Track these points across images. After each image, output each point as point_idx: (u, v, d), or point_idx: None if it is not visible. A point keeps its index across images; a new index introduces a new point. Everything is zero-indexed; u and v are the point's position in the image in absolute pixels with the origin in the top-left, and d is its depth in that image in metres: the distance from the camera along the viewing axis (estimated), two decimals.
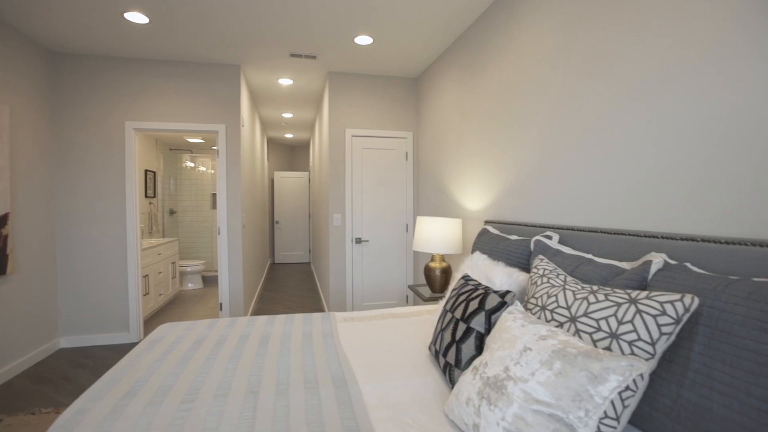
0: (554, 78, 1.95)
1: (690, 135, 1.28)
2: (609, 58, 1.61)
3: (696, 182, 1.25)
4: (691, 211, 1.27)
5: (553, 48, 1.95)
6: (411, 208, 4.11)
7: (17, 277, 3.01)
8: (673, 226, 1.33)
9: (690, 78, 1.28)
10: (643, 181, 1.44)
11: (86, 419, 1.15)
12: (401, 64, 3.74)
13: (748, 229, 1.10)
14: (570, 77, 1.84)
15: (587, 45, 1.73)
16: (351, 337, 1.90)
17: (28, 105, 3.16)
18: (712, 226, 1.20)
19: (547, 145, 2.01)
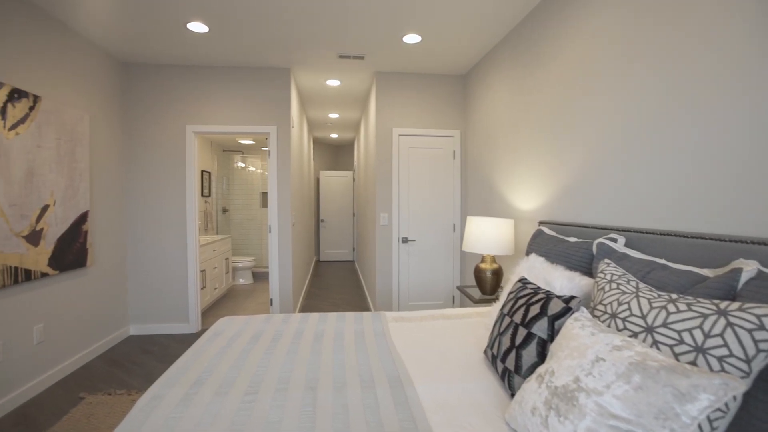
0: (618, 71, 1.82)
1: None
2: (685, 48, 1.48)
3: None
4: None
5: (618, 40, 1.83)
6: (458, 207, 4.04)
7: (95, 270, 3.30)
8: (766, 231, 1.19)
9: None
10: (728, 179, 1.31)
11: (161, 404, 1.24)
12: (449, 61, 3.69)
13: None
14: (637, 70, 1.71)
15: (656, 37, 1.60)
16: (403, 337, 1.89)
17: (104, 113, 3.45)
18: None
19: (609, 141, 1.89)
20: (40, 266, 2.65)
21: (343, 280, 6.47)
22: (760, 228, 1.21)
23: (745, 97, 1.26)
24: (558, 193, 2.35)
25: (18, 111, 2.48)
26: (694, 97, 1.44)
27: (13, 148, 2.44)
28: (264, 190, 7.24)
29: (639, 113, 1.71)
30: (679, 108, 1.50)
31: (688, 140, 1.47)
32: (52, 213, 2.78)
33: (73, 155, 2.99)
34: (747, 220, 1.25)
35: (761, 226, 1.21)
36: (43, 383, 2.71)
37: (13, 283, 2.43)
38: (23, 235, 2.52)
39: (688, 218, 1.46)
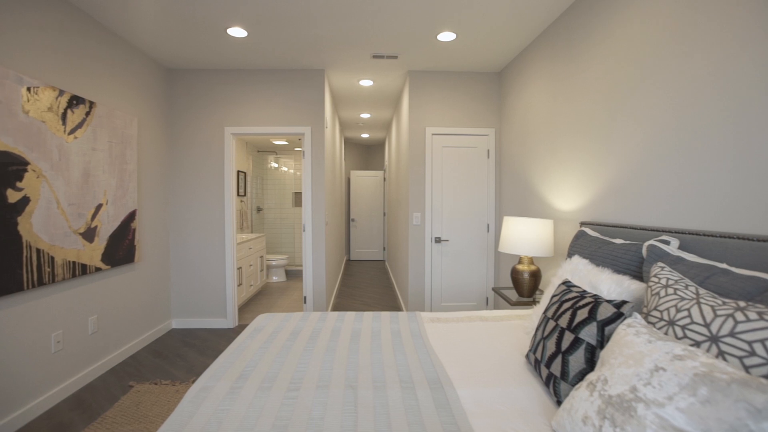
0: (673, 63, 1.72)
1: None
2: (749, 34, 1.37)
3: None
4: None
5: (672, 29, 1.73)
6: (493, 207, 3.96)
7: (141, 266, 3.48)
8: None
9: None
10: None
11: (210, 396, 1.28)
12: (484, 58, 3.62)
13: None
14: (697, 60, 1.61)
15: (717, 25, 1.49)
16: (440, 338, 1.87)
17: (150, 116, 3.63)
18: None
19: (662, 137, 1.79)
20: (94, 261, 2.82)
21: (374, 279, 6.50)
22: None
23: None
24: (601, 193, 2.25)
25: (76, 116, 2.65)
26: (762, 87, 1.34)
27: (71, 151, 2.61)
28: (296, 189, 7.39)
29: (696, 107, 1.60)
30: (742, 101, 1.40)
31: (750, 135, 1.37)
32: (105, 211, 2.95)
33: (123, 157, 3.16)
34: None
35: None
36: (97, 371, 2.88)
37: (71, 276, 2.60)
38: (80, 232, 2.69)
39: (751, 220, 1.36)
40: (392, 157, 6.27)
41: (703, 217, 1.56)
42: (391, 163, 6.45)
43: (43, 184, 2.38)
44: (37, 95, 2.34)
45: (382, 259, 8.44)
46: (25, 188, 2.25)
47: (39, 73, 2.39)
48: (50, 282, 2.43)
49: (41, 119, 2.37)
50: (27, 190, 2.27)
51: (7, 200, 2.14)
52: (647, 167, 1.88)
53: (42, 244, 2.37)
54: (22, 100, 2.24)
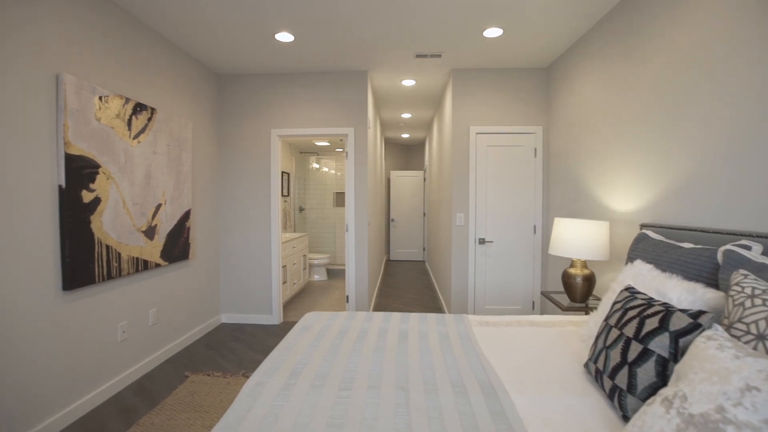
0: (753, 49, 1.56)
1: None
2: None
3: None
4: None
5: (751, 9, 1.57)
6: (539, 208, 3.81)
7: (195, 262, 3.67)
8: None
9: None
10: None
11: (265, 391, 1.32)
12: (531, 53, 3.49)
13: None
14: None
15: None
16: (489, 342, 1.82)
17: (203, 120, 3.82)
18: None
19: (739, 133, 1.63)
20: (154, 257, 3.01)
21: (414, 279, 6.47)
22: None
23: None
24: (665, 193, 2.09)
25: (140, 122, 2.84)
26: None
27: (135, 155, 2.80)
28: (337, 189, 7.51)
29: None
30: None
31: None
32: (164, 211, 3.14)
33: (180, 159, 3.35)
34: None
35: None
36: (156, 360, 3.07)
37: (135, 271, 2.79)
38: (142, 230, 2.88)
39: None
40: (433, 157, 6.21)
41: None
42: (432, 162, 6.39)
43: (111, 186, 2.57)
44: (107, 104, 2.53)
45: (421, 259, 8.39)
46: (96, 189, 2.44)
47: (108, 83, 2.59)
48: (117, 276, 2.62)
49: (110, 125, 2.56)
50: (98, 191, 2.46)
51: (82, 200, 2.33)
52: (720, 165, 1.72)
53: (110, 240, 2.56)
54: (95, 108, 2.43)
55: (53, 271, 2.18)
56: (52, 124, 2.17)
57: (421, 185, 8.28)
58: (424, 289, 5.80)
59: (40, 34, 2.09)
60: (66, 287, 2.23)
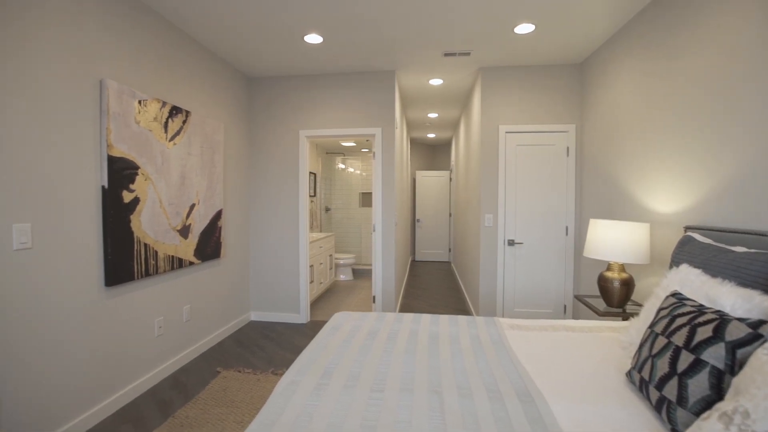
0: None
1: None
2: None
3: None
4: None
5: None
6: (572, 208, 3.69)
7: (226, 261, 3.77)
8: None
9: None
10: None
11: (298, 390, 1.33)
12: (564, 49, 3.38)
13: None
14: None
15: None
16: (523, 346, 1.77)
17: (235, 122, 3.92)
18: None
19: None
20: (188, 256, 3.11)
21: (440, 280, 6.41)
22: None
23: None
24: (713, 194, 1.97)
25: (175, 125, 2.94)
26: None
27: (171, 156, 2.90)
28: (362, 190, 7.54)
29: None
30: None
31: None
32: (197, 210, 3.23)
33: (212, 160, 3.44)
34: None
35: None
36: (190, 355, 3.17)
37: (170, 269, 2.89)
38: (177, 229, 2.98)
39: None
40: (460, 157, 6.14)
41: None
42: (459, 162, 6.31)
43: (149, 186, 2.66)
44: (146, 107, 2.63)
45: (447, 260, 8.30)
46: (136, 190, 2.54)
47: (147, 87, 2.69)
48: (154, 273, 2.71)
49: (148, 128, 2.66)
50: (138, 191, 2.56)
51: (122, 200, 2.43)
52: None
53: (148, 239, 2.65)
54: (135, 112, 2.53)
55: (97, 267, 2.28)
56: (96, 127, 2.27)
57: (447, 185, 8.20)
58: (450, 290, 5.73)
59: (86, 43, 2.20)
60: (108, 283, 2.33)
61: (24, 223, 1.86)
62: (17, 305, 1.83)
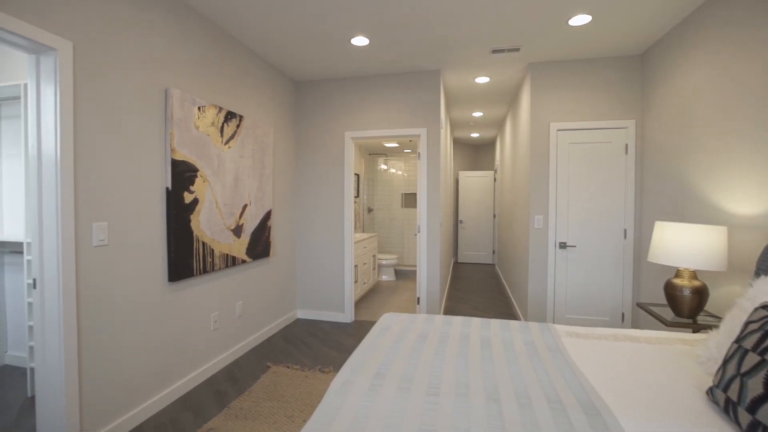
0: None
1: None
2: None
3: None
4: None
5: None
6: (631, 210, 3.45)
7: (275, 260, 3.89)
8: None
9: None
10: None
11: (353, 390, 1.33)
12: (623, 39, 3.17)
13: None
14: None
15: None
16: (583, 355, 1.67)
17: (283, 125, 4.04)
18: None
19: None
20: (241, 254, 3.24)
21: (484, 283, 6.25)
22: None
23: None
24: None
25: (230, 129, 3.08)
26: None
27: (226, 159, 3.04)
28: (404, 191, 7.53)
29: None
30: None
31: None
32: (249, 211, 3.36)
33: (263, 162, 3.57)
34: None
35: None
36: (242, 350, 3.31)
37: (225, 266, 3.02)
38: (231, 229, 3.12)
39: None
40: (505, 156, 5.96)
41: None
42: (504, 162, 6.13)
43: (207, 188, 2.81)
44: (204, 113, 2.77)
45: (491, 262, 8.09)
46: (195, 191, 2.69)
47: (205, 94, 2.83)
48: (211, 270, 2.85)
49: (206, 133, 2.80)
50: (197, 192, 2.70)
51: (183, 201, 2.58)
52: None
53: (206, 238, 2.80)
54: (195, 118, 2.67)
55: (161, 263, 2.44)
56: (161, 133, 2.43)
57: (491, 186, 7.99)
58: (496, 293, 5.57)
59: (154, 54, 2.35)
60: (171, 279, 2.48)
61: (102, 222, 2.02)
62: (96, 298, 1.99)
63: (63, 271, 1.83)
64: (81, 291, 1.92)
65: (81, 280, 1.92)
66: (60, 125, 1.82)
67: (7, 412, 2.38)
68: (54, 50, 1.81)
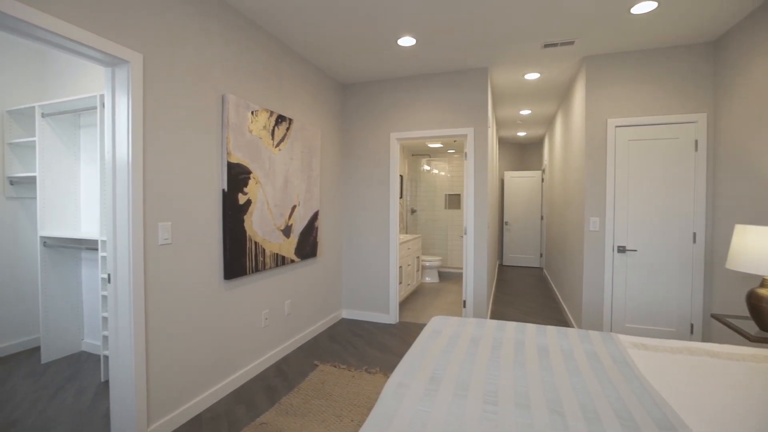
0: None
1: None
2: None
3: None
4: None
5: None
6: (701, 211, 3.17)
7: (321, 260, 3.97)
8: None
9: None
10: None
11: (408, 394, 1.31)
12: (692, 26, 2.92)
13: None
14: None
15: None
16: (653, 369, 1.54)
17: (329, 128, 4.11)
18: None
19: None
20: (290, 254, 3.33)
21: (531, 287, 6.01)
22: None
23: None
24: None
25: (280, 132, 3.17)
26: None
27: (277, 161, 3.14)
28: (448, 191, 7.42)
29: None
30: None
31: None
32: (297, 212, 3.45)
33: (310, 164, 3.66)
34: None
35: None
36: (290, 347, 3.40)
37: (275, 266, 3.12)
38: (281, 229, 3.21)
39: None
40: (555, 155, 5.70)
41: None
42: (553, 161, 5.86)
43: (259, 189, 2.91)
44: (257, 117, 2.88)
45: (538, 266, 7.77)
46: (248, 192, 2.79)
47: (257, 98, 2.94)
48: (262, 269, 2.95)
49: (259, 136, 2.91)
50: (250, 194, 2.81)
51: (238, 202, 2.69)
52: None
53: (257, 238, 2.90)
54: (248, 122, 2.78)
55: (218, 262, 2.55)
56: (218, 137, 2.55)
57: (539, 186, 7.68)
58: (544, 298, 5.34)
59: (212, 62, 2.48)
60: (226, 277, 2.60)
61: (166, 222, 2.15)
62: (160, 293, 2.12)
63: (133, 267, 1.96)
64: (148, 286, 2.05)
65: (148, 277, 2.05)
66: (132, 132, 1.95)
67: (84, 394, 2.60)
68: (127, 62, 1.95)
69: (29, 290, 3.42)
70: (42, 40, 1.68)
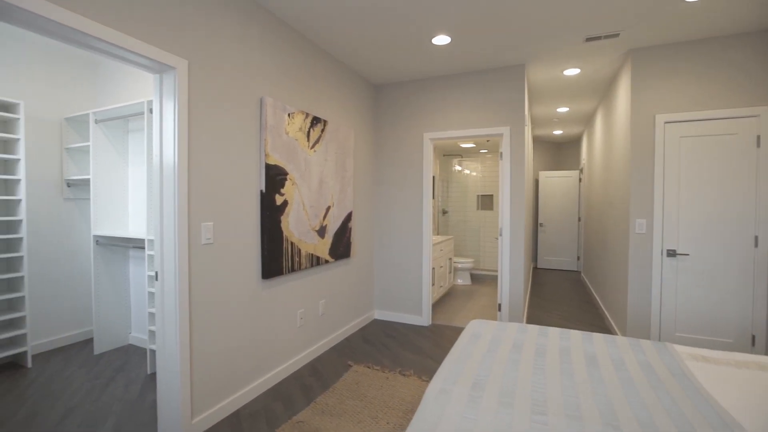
0: None
1: None
2: None
3: None
4: None
5: None
6: (763, 213, 2.93)
7: (355, 260, 3.98)
8: None
9: None
10: None
11: (451, 400, 1.28)
12: (754, 11, 2.70)
13: None
14: None
15: None
16: (717, 384, 1.43)
17: (362, 129, 4.13)
18: None
19: None
20: (324, 254, 3.36)
21: (568, 291, 5.78)
22: None
23: None
24: None
25: (315, 133, 3.21)
26: None
27: (312, 162, 3.17)
28: (480, 192, 7.28)
29: None
30: None
31: None
32: (332, 212, 3.48)
33: (344, 165, 3.68)
34: None
35: None
36: (324, 347, 3.42)
37: (310, 266, 3.15)
38: (315, 230, 3.24)
39: None
40: (595, 155, 5.45)
41: None
42: (593, 160, 5.62)
43: (295, 190, 2.95)
44: (293, 119, 2.92)
45: (575, 269, 7.47)
46: (285, 193, 2.84)
47: (294, 100, 2.99)
48: (298, 269, 2.99)
49: (295, 138, 2.95)
50: (286, 194, 2.85)
51: (275, 203, 2.73)
52: None
53: (294, 238, 2.94)
54: (285, 124, 2.83)
55: (256, 261, 2.61)
56: (257, 139, 2.60)
57: (576, 187, 7.39)
58: (583, 303, 5.12)
59: (251, 65, 2.54)
60: (264, 276, 2.65)
61: (208, 222, 2.22)
62: (203, 291, 2.19)
63: (179, 265, 2.03)
64: (192, 284, 2.12)
65: (192, 275, 2.12)
66: (177, 136, 2.03)
67: (133, 385, 2.73)
68: (173, 69, 2.02)
69: (83, 286, 3.63)
70: (96, 49, 1.77)
